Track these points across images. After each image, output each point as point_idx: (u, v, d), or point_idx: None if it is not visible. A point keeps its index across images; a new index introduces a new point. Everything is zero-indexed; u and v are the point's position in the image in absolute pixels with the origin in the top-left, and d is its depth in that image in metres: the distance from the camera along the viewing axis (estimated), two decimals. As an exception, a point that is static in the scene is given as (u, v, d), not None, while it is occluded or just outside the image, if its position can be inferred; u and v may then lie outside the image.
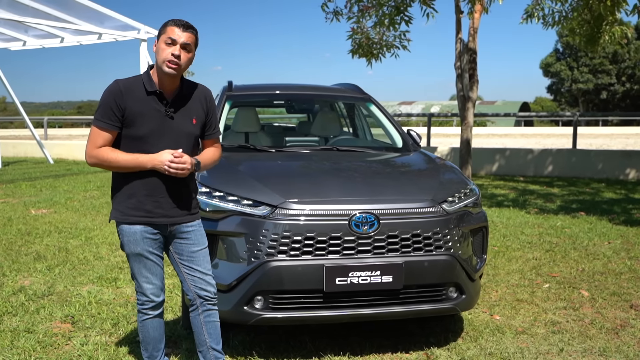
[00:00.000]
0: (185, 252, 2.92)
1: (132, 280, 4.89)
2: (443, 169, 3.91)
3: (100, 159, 2.71)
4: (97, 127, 2.72)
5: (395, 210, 3.24)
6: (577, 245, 6.33)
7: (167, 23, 2.76)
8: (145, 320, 2.96)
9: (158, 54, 2.76)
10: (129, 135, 2.75)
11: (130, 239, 2.83)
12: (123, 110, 2.72)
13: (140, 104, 2.74)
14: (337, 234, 3.16)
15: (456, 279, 3.36)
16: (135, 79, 2.80)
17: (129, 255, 2.88)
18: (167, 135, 2.77)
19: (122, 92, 2.72)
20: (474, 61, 10.96)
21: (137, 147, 2.74)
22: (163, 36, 2.74)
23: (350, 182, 3.50)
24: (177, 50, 2.73)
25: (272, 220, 3.17)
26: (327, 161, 3.94)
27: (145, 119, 2.74)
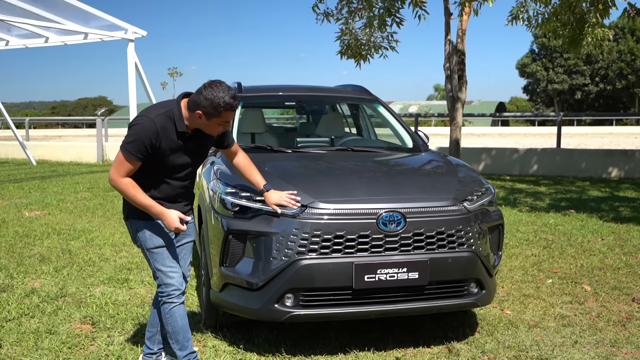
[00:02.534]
0: (179, 242, 3.15)
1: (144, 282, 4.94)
2: (459, 168, 4.03)
3: (120, 189, 2.88)
4: (127, 158, 2.85)
5: (420, 209, 3.35)
6: (572, 242, 6.51)
7: (222, 106, 2.82)
8: (173, 309, 3.07)
9: (205, 126, 2.91)
10: (154, 164, 2.91)
11: (153, 233, 3.00)
12: (155, 148, 2.86)
13: (171, 142, 2.90)
14: (365, 232, 3.25)
15: (477, 275, 3.48)
16: (168, 116, 2.90)
17: (151, 250, 3.02)
18: (185, 165, 3.00)
19: (159, 133, 2.86)
20: (462, 62, 11.14)
21: (156, 172, 2.95)
22: (217, 119, 2.88)
23: (375, 182, 3.59)
24: (227, 127, 2.98)
25: (302, 220, 3.24)
26: (346, 161, 4.04)
27: (172, 155, 2.92)
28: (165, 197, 2.99)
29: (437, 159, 4.31)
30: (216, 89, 2.80)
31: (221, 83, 2.85)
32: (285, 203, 3.25)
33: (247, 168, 3.37)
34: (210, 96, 2.79)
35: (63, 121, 47.73)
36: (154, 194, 2.93)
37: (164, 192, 2.99)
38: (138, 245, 3.06)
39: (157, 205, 2.89)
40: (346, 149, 4.46)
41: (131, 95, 13.53)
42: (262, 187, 3.31)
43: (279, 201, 3.26)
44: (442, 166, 4.13)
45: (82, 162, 17.79)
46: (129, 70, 13.58)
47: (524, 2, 11.89)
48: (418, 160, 4.31)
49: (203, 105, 2.81)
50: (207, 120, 2.85)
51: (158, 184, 2.97)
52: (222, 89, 2.81)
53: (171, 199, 3.02)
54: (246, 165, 3.38)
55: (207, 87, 2.82)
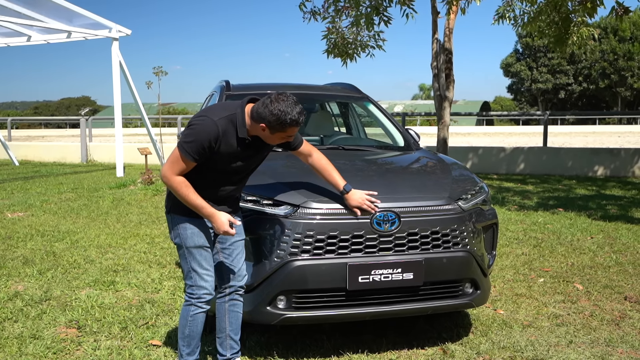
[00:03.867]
0: (229, 240, 3.04)
1: (130, 284, 4.83)
2: (452, 166, 3.98)
3: (173, 186, 2.81)
4: (183, 157, 2.77)
5: (415, 208, 3.29)
6: (562, 241, 6.50)
7: (288, 123, 2.75)
8: (198, 314, 3.00)
9: (267, 138, 2.85)
10: (207, 165, 2.84)
11: (194, 231, 2.93)
12: (213, 150, 2.79)
13: (230, 147, 2.82)
14: (359, 233, 3.19)
15: (472, 275, 3.43)
16: (230, 120, 2.82)
17: (190, 249, 2.94)
18: (239, 170, 2.94)
19: (220, 136, 2.79)
20: (449, 61, 11.14)
21: (209, 174, 2.87)
22: (281, 133, 2.81)
23: (368, 181, 3.53)
24: (290, 140, 2.99)
25: (294, 220, 3.17)
26: (338, 160, 3.96)
27: (230, 159, 2.85)
28: (215, 198, 2.92)
29: (429, 158, 4.26)
30: (283, 104, 2.72)
31: (288, 97, 2.76)
32: (366, 207, 3.16)
33: (325, 169, 3.24)
34: (277, 111, 2.71)
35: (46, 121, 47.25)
36: (203, 194, 2.85)
37: (214, 194, 2.92)
38: (176, 242, 2.99)
39: (208, 206, 2.81)
40: (337, 148, 4.40)
41: (115, 94, 13.36)
42: (342, 188, 3.20)
43: (361, 204, 3.16)
44: (435, 165, 4.08)
45: (65, 163, 17.58)
46: (113, 69, 13.40)
47: (510, 2, 11.94)
48: (411, 159, 4.25)
49: (268, 120, 2.74)
50: (270, 133, 2.79)
51: (209, 185, 2.89)
52: (289, 103, 2.74)
53: (220, 201, 2.95)
54: (322, 166, 3.24)
55: (274, 100, 2.74)
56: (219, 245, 3.06)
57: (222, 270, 3.06)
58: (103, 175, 13.85)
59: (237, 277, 3.08)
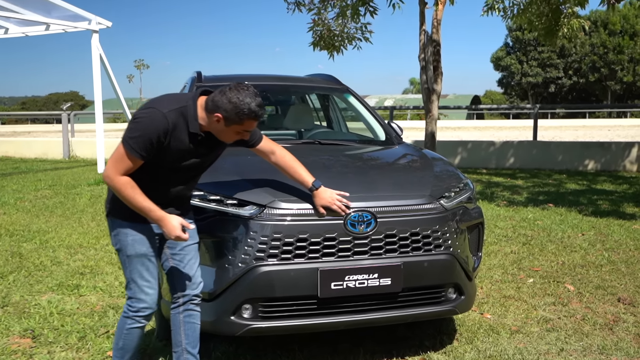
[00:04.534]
0: (180, 245, 2.76)
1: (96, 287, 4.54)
2: (435, 162, 3.71)
3: (117, 188, 2.50)
4: (129, 154, 2.47)
5: (392, 208, 3.02)
6: (552, 238, 6.27)
7: (246, 113, 2.47)
8: (135, 329, 2.72)
9: (221, 132, 2.57)
10: (155, 163, 2.54)
11: (136, 238, 2.64)
12: (162, 147, 2.50)
13: (180, 143, 2.54)
14: (331, 235, 2.92)
15: (456, 279, 3.17)
16: (181, 113, 2.53)
17: (132, 257, 2.65)
18: (190, 169, 2.67)
19: (169, 130, 2.50)
20: (437, 53, 10.86)
21: (157, 173, 2.59)
22: (237, 126, 2.53)
23: (342, 178, 3.25)
24: (247, 137, 2.65)
25: (260, 221, 2.90)
26: (313, 155, 3.69)
27: (180, 156, 2.58)
28: (163, 199, 2.63)
29: (411, 153, 3.99)
30: (243, 93, 2.46)
31: (249, 87, 2.50)
32: (336, 208, 2.89)
33: (290, 166, 2.96)
34: (235, 100, 2.45)
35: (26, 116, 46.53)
36: (150, 195, 2.55)
37: (163, 195, 2.63)
38: (116, 248, 2.69)
39: (157, 209, 2.53)
40: (313, 142, 4.12)
41: (96, 88, 13.00)
42: (311, 184, 2.92)
43: (330, 204, 2.89)
44: (416, 160, 3.80)
45: (47, 159, 17.18)
46: (93, 62, 13.04)
47: (499, -8, 11.70)
48: (391, 154, 3.98)
49: (225, 109, 2.46)
50: (225, 125, 2.51)
51: (157, 185, 2.60)
52: (249, 93, 2.48)
53: (169, 202, 2.67)
54: (287, 163, 2.96)
55: (233, 89, 2.47)
56: (169, 251, 2.77)
57: (174, 278, 2.78)
58: (84, 171, 13.50)
59: (191, 285, 2.79)
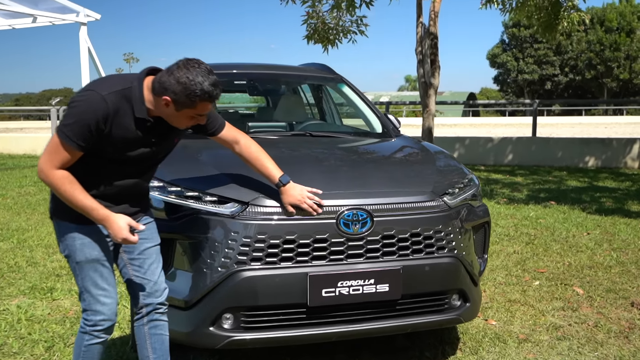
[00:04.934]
0: (137, 249, 2.42)
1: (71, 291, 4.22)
2: (437, 155, 3.39)
3: (53, 184, 2.15)
4: (64, 145, 2.10)
5: (391, 205, 2.71)
6: (556, 237, 5.97)
7: (198, 95, 2.11)
8: (94, 345, 2.37)
9: (172, 117, 2.21)
10: (97, 154, 2.19)
11: (85, 242, 2.28)
12: (102, 135, 2.14)
13: (124, 130, 2.19)
14: (322, 236, 2.60)
15: (460, 285, 2.86)
16: (124, 96, 2.17)
17: (82, 264, 2.30)
18: (141, 160, 2.32)
19: (110, 115, 2.13)
20: (435, 46, 10.57)
21: (101, 166, 2.24)
22: (189, 110, 2.17)
23: (335, 173, 2.94)
24: (202, 121, 2.32)
25: (242, 220, 2.58)
26: (303, 148, 3.38)
27: (126, 146, 2.23)
28: (111, 196, 2.29)
29: (410, 145, 3.68)
30: (193, 71, 2.11)
31: (200, 64, 2.14)
32: (305, 207, 2.58)
33: (255, 158, 2.63)
34: (185, 80, 2.09)
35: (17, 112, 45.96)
36: (96, 193, 2.23)
37: (110, 191, 2.29)
38: (65, 254, 2.34)
39: (100, 208, 2.19)
40: (304, 134, 3.80)
41: (84, 82, 12.65)
42: (278, 179, 2.60)
43: (299, 202, 2.58)
44: (416, 153, 3.49)
45: (36, 155, 16.81)
46: (81, 55, 12.70)
47: (498, -15, 11.40)
48: (388, 147, 3.66)
49: (173, 91, 2.11)
50: (175, 110, 2.15)
51: (101, 180, 2.26)
52: (200, 71, 2.11)
53: (119, 200, 2.33)
54: (252, 154, 2.63)
55: (183, 67, 2.11)
56: (126, 256, 2.43)
57: (134, 287, 2.45)
58: (72, 167, 13.14)
59: (154, 293, 2.45)
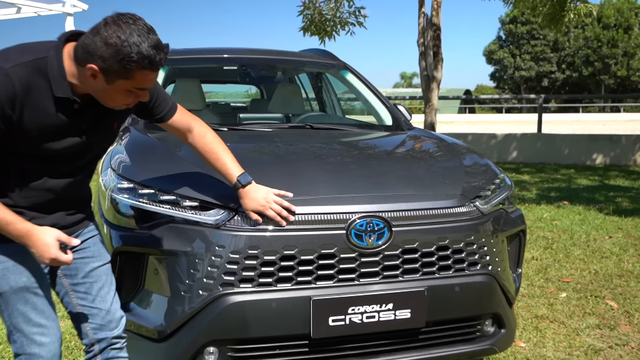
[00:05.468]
0: (81, 271, 1.88)
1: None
2: (462, 151, 2.89)
3: None
4: None
5: (413, 212, 2.20)
6: (576, 241, 5.48)
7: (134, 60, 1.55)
8: None
9: (103, 93, 1.65)
10: (7, 149, 1.65)
11: (8, 266, 1.73)
12: (12, 122, 1.59)
13: (44, 115, 1.65)
14: (329, 250, 2.10)
15: (495, 308, 2.36)
16: (38, 69, 1.61)
17: (7, 295, 1.75)
18: (70, 154, 1.76)
19: (18, 95, 1.58)
20: (438, 38, 10.09)
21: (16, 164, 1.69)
22: (125, 82, 1.61)
23: (343, 172, 2.43)
24: (144, 97, 1.72)
25: (230, 231, 2.07)
26: (303, 143, 2.87)
27: (46, 136, 1.67)
28: (41, 205, 1.76)
29: (429, 139, 3.17)
30: (127, 29, 1.55)
31: (136, 19, 1.60)
32: (271, 215, 2.06)
33: (209, 151, 2.09)
34: (115, 40, 1.54)
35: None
36: (19, 201, 1.71)
37: (38, 198, 1.75)
38: None
39: (19, 220, 1.66)
40: (303, 127, 3.29)
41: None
42: (236, 179, 2.08)
43: (262, 208, 2.06)
44: (437, 149, 2.98)
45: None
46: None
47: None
48: (404, 142, 3.15)
49: (100, 56, 1.56)
50: (106, 82, 1.61)
51: (25, 184, 1.73)
52: (137, 29, 1.57)
53: (51, 208, 1.79)
54: (206, 146, 2.08)
55: (112, 23, 1.57)
56: (67, 281, 1.89)
57: (81, 320, 1.91)
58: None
59: (108, 325, 1.92)
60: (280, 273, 2.07)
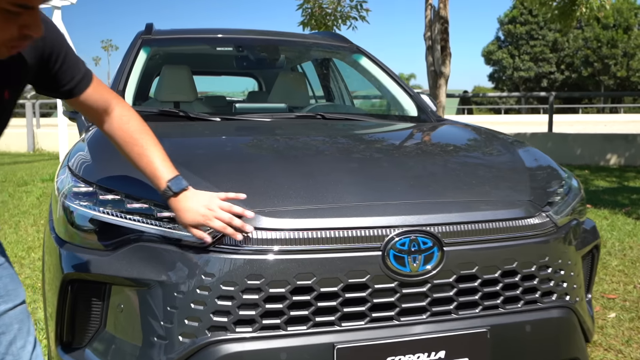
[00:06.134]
0: None
1: None
2: (519, 147, 2.31)
3: None
4: None
5: (471, 225, 1.62)
6: (610, 250, 4.92)
7: None
8: None
9: None
10: None
11: None
12: None
13: None
14: (360, 280, 1.52)
15: (575, 352, 1.79)
16: None
17: None
18: None
19: None
20: (445, 31, 9.54)
21: None
22: None
23: (375, 173, 1.85)
24: (35, 29, 1.12)
25: (222, 254, 1.49)
26: (317, 137, 2.29)
27: None
28: None
29: (473, 131, 2.59)
30: None
31: None
32: (218, 227, 1.49)
33: (135, 144, 1.55)
34: None
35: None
36: None
37: None
38: None
39: None
40: (313, 117, 2.71)
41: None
42: (165, 186, 1.53)
43: (204, 220, 1.50)
44: (488, 144, 2.38)
45: (9, 152, 15.63)
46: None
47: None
48: (443, 135, 2.57)
49: None
50: None
51: None
52: None
53: None
54: (129, 136, 1.55)
55: None
56: None
57: None
58: (44, 165, 11.99)
59: None
60: (291, 312, 1.49)
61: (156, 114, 2.55)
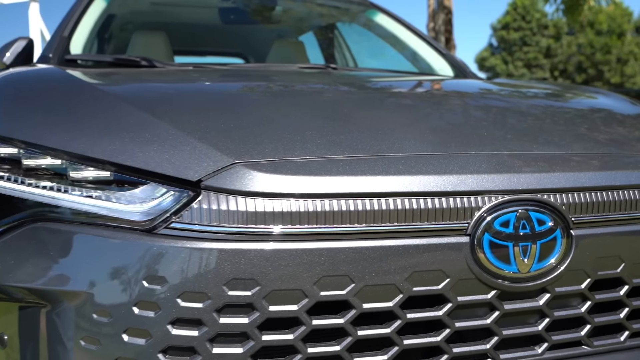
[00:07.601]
0: None
1: None
2: (619, 101, 1.62)
3: None
4: None
5: (614, 194, 0.95)
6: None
7: None
8: None
9: None
10: None
11: None
12: None
13: None
14: (429, 287, 0.84)
15: None
16: None
17: None
18: None
19: None
20: (449, 22, 9.01)
21: None
22: None
23: (441, 118, 1.17)
24: None
25: (183, 241, 0.81)
26: (333, 85, 1.61)
27: None
28: None
29: (540, 87, 1.92)
30: None
31: None
32: None
33: None
34: None
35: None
36: None
37: None
38: None
39: None
40: (325, 69, 2.03)
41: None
42: None
43: None
44: (573, 97, 1.68)
45: None
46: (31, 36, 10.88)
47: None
48: (514, 85, 1.91)
49: None
50: None
51: None
52: None
53: None
54: None
55: None
56: None
57: None
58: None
59: None
60: (309, 347, 0.81)
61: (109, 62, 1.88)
